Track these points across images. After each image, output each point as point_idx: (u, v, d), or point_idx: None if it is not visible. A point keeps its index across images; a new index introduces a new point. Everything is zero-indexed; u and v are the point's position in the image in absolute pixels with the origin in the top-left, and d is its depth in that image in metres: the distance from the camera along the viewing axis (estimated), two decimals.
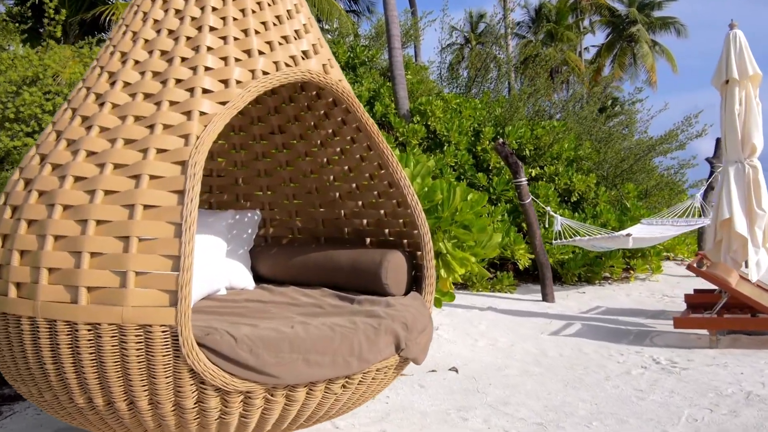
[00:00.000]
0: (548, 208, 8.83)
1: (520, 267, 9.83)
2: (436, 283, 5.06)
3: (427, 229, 3.34)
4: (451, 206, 4.83)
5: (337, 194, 3.99)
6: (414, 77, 13.56)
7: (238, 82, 2.78)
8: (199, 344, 2.36)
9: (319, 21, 15.36)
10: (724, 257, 6.35)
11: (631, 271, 10.65)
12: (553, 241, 8.76)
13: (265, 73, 2.86)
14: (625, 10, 26.94)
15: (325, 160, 3.95)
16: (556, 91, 18.27)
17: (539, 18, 27.16)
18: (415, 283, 3.55)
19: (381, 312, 2.89)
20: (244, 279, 3.89)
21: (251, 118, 4.12)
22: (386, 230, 3.76)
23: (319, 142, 3.91)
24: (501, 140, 8.22)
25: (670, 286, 9.77)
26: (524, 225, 10.34)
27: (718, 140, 10.64)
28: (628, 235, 8.10)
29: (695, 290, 7.57)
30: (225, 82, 2.77)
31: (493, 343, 6.12)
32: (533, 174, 11.66)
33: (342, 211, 4.02)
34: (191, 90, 2.71)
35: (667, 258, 11.93)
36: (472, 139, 11.66)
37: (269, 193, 4.29)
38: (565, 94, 17.15)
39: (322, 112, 3.77)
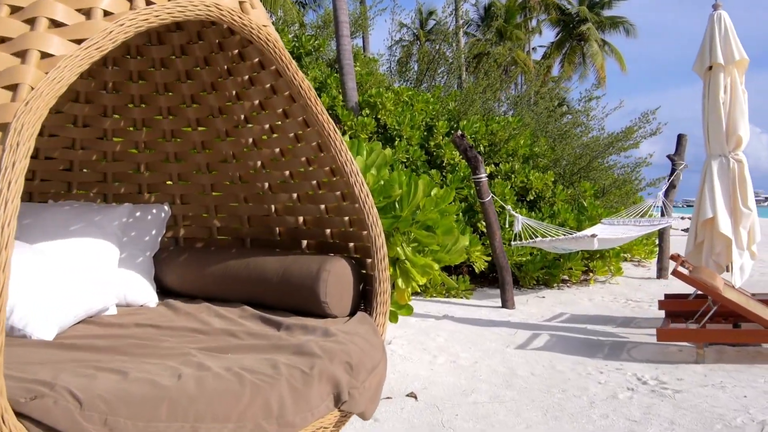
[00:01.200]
0: (508, 207, 8.08)
1: (476, 270, 9.07)
2: (392, 295, 4.21)
3: (380, 229, 2.47)
4: (412, 203, 3.97)
5: (266, 184, 3.09)
6: (363, 69, 12.69)
7: (106, 12, 1.86)
8: (17, 413, 1.44)
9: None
10: (706, 260, 5.68)
11: (591, 274, 10.01)
12: (512, 243, 8.01)
13: (149, 3, 1.94)
14: (575, 8, 26.67)
15: (250, 140, 3.04)
16: (505, 91, 17.71)
17: (488, 16, 26.65)
18: (363, 298, 2.67)
19: (315, 347, 2.00)
20: (144, 293, 2.94)
21: (155, 85, 3.16)
22: (328, 230, 2.88)
23: (242, 116, 3.00)
24: (459, 132, 7.42)
25: (633, 290, 9.15)
26: (480, 225, 9.61)
27: (679, 137, 10.09)
28: (593, 236, 7.40)
29: (666, 295, 6.91)
30: (86, 12, 1.85)
31: (455, 359, 5.29)
32: (488, 171, 10.92)
33: (272, 206, 3.12)
34: (32, 21, 1.78)
35: (624, 259, 11.35)
36: (425, 133, 10.86)
37: (181, 182, 3.34)
38: (517, 92, 16.57)
39: (246, 77, 2.86)
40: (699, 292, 6.33)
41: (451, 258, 4.31)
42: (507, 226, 8.34)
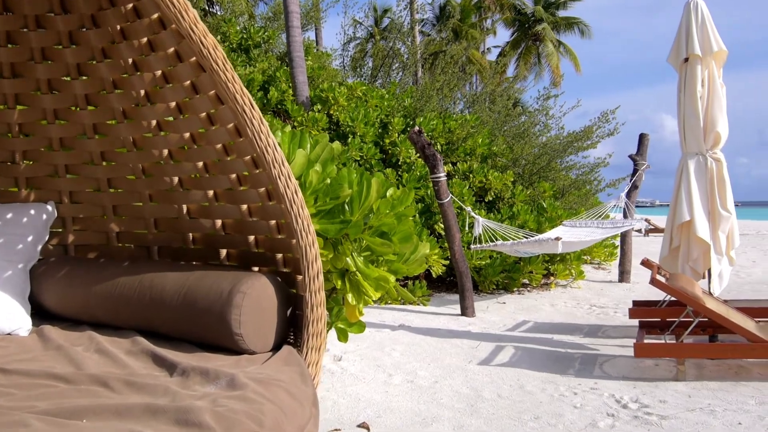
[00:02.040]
0: (468, 208, 7.52)
1: (434, 275, 8.50)
2: (341, 312, 3.59)
3: (312, 238, 1.84)
4: (364, 206, 3.33)
5: (176, 179, 2.42)
6: (315, 63, 12.01)
7: None
8: None
9: (210, 0, 13.52)
10: (683, 267, 5.19)
11: (552, 278, 9.54)
12: (472, 246, 7.45)
13: None
14: (531, 7, 26.41)
15: (153, 122, 2.36)
16: (461, 90, 17.21)
17: (443, 16, 26.21)
18: (293, 326, 2.04)
19: (207, 413, 1.34)
20: (13, 318, 2.24)
21: (30, 51, 2.45)
22: (252, 237, 2.23)
23: (142, 91, 2.32)
24: (417, 128, 6.82)
25: (595, 294, 8.70)
26: (438, 227, 9.05)
27: (641, 136, 9.70)
28: (557, 239, 6.89)
29: (635, 303, 6.44)
30: None
31: (412, 378, 4.67)
32: (446, 171, 10.36)
33: (184, 206, 2.45)
34: None
35: (585, 261, 10.93)
36: (380, 131, 10.24)
37: (69, 176, 2.64)
38: (473, 92, 16.09)
39: (144, 40, 2.18)
40: (671, 299, 5.86)
41: (410, 269, 3.68)
42: (466, 228, 7.78)
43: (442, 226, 7.57)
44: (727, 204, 5.08)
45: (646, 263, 6.00)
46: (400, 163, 9.84)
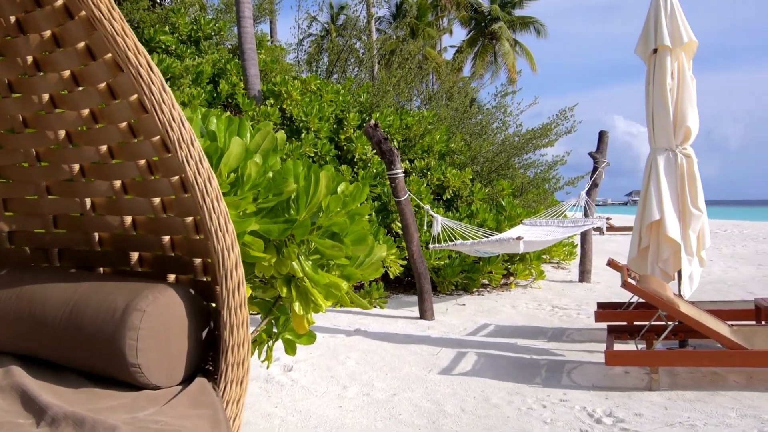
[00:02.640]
0: (427, 207, 7.14)
1: (391, 276, 8.11)
2: (287, 323, 3.18)
3: (231, 239, 1.41)
4: (312, 203, 2.91)
5: (76, 166, 1.96)
6: (268, 56, 11.50)
7: None
8: None
9: None
10: (652, 268, 4.91)
11: (512, 278, 9.25)
12: (430, 246, 7.08)
13: None
14: (488, 6, 26.23)
15: (45, 96, 1.90)
16: (418, 88, 16.87)
17: (400, 14, 25.90)
18: (213, 349, 1.61)
19: None
20: None
21: None
22: (166, 238, 1.80)
23: (29, 58, 1.85)
24: (372, 122, 6.42)
25: (556, 295, 8.43)
26: (395, 226, 8.67)
27: (601, 134, 9.50)
28: (519, 238, 6.57)
29: (600, 305, 6.16)
30: None
31: (369, 390, 4.26)
32: (403, 168, 9.99)
33: (87, 200, 2.00)
34: None
35: (544, 261, 10.68)
36: (335, 126, 9.81)
37: None
38: (430, 90, 15.77)
39: None
40: (638, 300, 5.59)
41: (365, 273, 3.25)
42: (424, 227, 7.42)
43: (400, 225, 7.19)
44: (698, 202, 4.81)
45: (612, 264, 5.71)
46: (355, 159, 9.43)
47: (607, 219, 8.46)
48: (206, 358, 1.55)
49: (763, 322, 5.00)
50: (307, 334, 3.21)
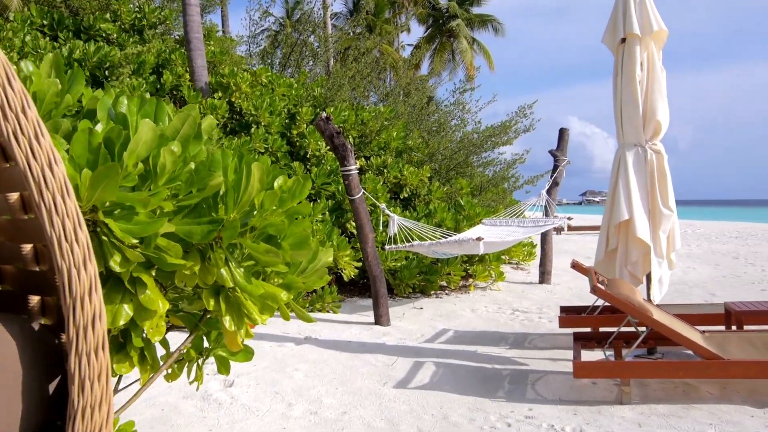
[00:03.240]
0: (382, 205, 6.78)
1: (345, 278, 7.72)
2: (219, 339, 2.75)
3: (82, 254, 0.98)
4: (243, 200, 2.49)
5: None
6: (217, 47, 10.97)
7: None
8: None
9: None
10: (620, 271, 4.63)
11: (471, 279, 8.96)
12: (386, 247, 6.72)
13: None
14: (445, 3, 25.96)
15: None
16: (374, 83, 16.51)
17: (357, 10, 25.47)
18: (59, 413, 1.18)
19: None
20: None
21: None
22: (26, 247, 1.37)
23: None
24: (324, 114, 6.02)
25: (517, 297, 8.17)
26: (350, 226, 8.29)
27: (561, 131, 9.28)
28: (479, 239, 6.26)
29: (563, 309, 5.90)
30: None
31: (317, 408, 3.87)
32: (359, 165, 9.62)
33: None
34: None
35: (503, 261, 10.44)
36: (287, 121, 9.37)
37: None
38: (387, 88, 15.41)
39: None
40: (604, 304, 5.34)
41: (309, 281, 2.84)
42: (380, 227, 7.06)
43: (355, 225, 6.81)
44: (669, 201, 4.56)
45: (577, 267, 5.44)
46: (308, 156, 9.01)
47: (569, 218, 8.23)
48: (56, 415, 1.13)
49: (734, 327, 4.79)
50: (243, 350, 2.80)
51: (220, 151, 2.43)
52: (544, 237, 9.07)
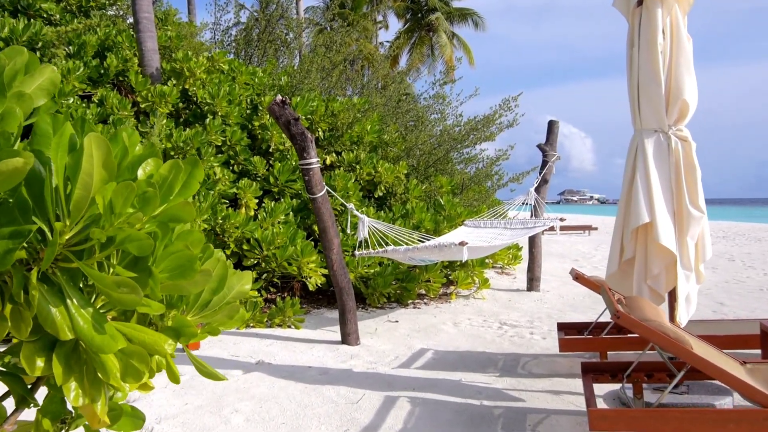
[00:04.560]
0: (350, 206, 5.83)
1: (310, 287, 6.77)
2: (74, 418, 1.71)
3: None
4: (77, 197, 1.56)
5: None
6: (174, 31, 9.93)
7: None
8: None
9: None
10: (639, 287, 3.73)
11: (452, 287, 8.05)
12: (356, 253, 5.76)
13: None
14: None
15: None
16: (350, 76, 15.52)
17: (334, 4, 24.46)
18: None
19: None
20: None
21: None
22: None
23: None
24: (279, 97, 5.06)
25: (503, 307, 7.27)
26: (317, 229, 7.33)
27: (550, 123, 8.41)
28: (462, 243, 5.35)
29: (561, 326, 5.00)
30: None
31: None
32: (328, 161, 8.67)
33: None
34: None
35: (487, 266, 9.55)
36: (248, 112, 8.39)
37: None
38: (365, 80, 14.44)
39: None
40: (607, 319, 4.44)
41: (215, 321, 1.87)
42: (349, 230, 6.11)
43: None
44: (698, 199, 3.67)
45: (581, 279, 4.55)
46: (271, 149, 8.03)
47: (561, 219, 7.35)
48: None
49: None
50: (129, 415, 1.81)
51: (49, 117, 1.37)
52: (533, 240, 8.19)
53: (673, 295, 3.72)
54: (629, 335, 4.37)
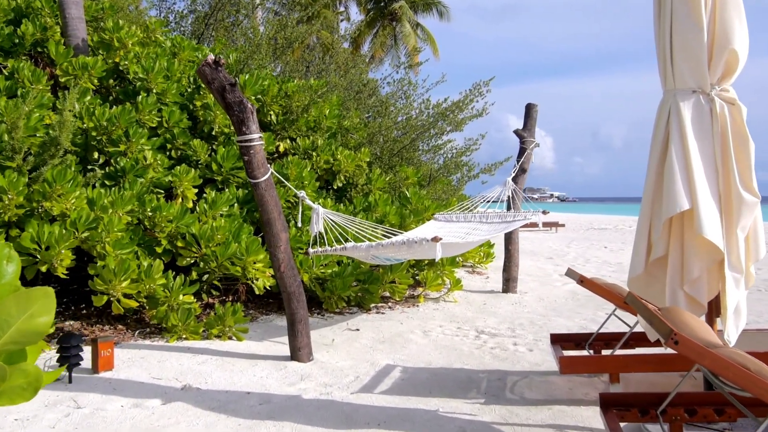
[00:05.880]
0: (301, 193, 4.82)
1: (257, 290, 5.76)
2: None
3: None
4: None
5: None
6: (108, 1, 8.75)
7: None
8: None
9: None
10: (673, 294, 2.84)
11: (420, 288, 7.12)
12: (310, 251, 4.75)
13: None
14: None
15: None
16: (305, 59, 14.44)
17: None
18: None
19: None
20: None
21: None
22: None
23: None
24: (211, 56, 4.05)
25: (478, 312, 6.37)
26: None
27: (528, 107, 7.54)
28: (436, 239, 4.41)
29: (556, 338, 4.11)
30: None
31: None
32: (281, 148, 7.66)
33: None
34: None
35: (457, 265, 8.64)
36: (190, 91, 7.31)
37: None
38: (324, 63, 13.40)
39: None
40: (616, 330, 3.58)
41: None
42: (300, 223, 5.11)
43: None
44: (751, 180, 2.80)
45: (588, 284, 3.65)
46: (214, 132, 6.98)
47: (544, 212, 6.48)
48: None
49: None
50: None
51: None
52: (510, 236, 7.32)
53: (714, 305, 2.84)
54: (647, 352, 3.49)
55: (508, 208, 7.09)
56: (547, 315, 6.13)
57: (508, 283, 7.26)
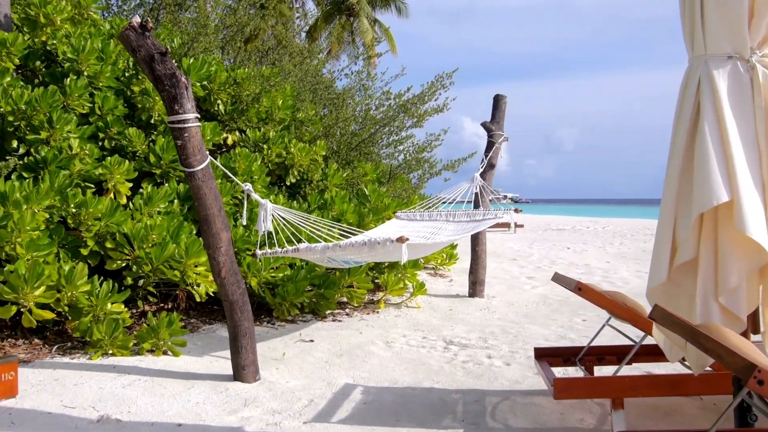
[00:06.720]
0: (247, 186, 4.12)
1: (198, 297, 5.03)
2: None
3: None
4: None
5: None
6: None
7: None
8: None
9: None
10: (706, 307, 2.26)
11: (380, 293, 6.48)
12: (258, 252, 4.07)
13: None
14: None
15: None
16: (259, 48, 13.65)
17: None
18: None
19: None
20: None
21: None
22: None
23: None
24: (138, 19, 3.34)
25: (445, 319, 5.77)
26: None
27: (496, 98, 6.98)
28: (401, 240, 3.78)
29: (540, 352, 3.53)
30: None
31: None
32: (230, 141, 6.93)
33: None
34: None
35: (419, 267, 8.02)
36: (127, 75, 6.52)
37: None
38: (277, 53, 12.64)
39: None
40: (611, 343, 3.01)
41: None
42: (245, 221, 4.40)
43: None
44: None
45: (590, 294, 3.07)
46: (154, 121, 6.21)
47: (516, 210, 5.93)
48: None
49: None
50: None
51: None
52: (476, 237, 6.75)
53: (754, 319, 2.28)
54: (658, 373, 2.93)
55: (476, 206, 6.52)
56: (519, 322, 5.56)
57: (475, 286, 6.68)
